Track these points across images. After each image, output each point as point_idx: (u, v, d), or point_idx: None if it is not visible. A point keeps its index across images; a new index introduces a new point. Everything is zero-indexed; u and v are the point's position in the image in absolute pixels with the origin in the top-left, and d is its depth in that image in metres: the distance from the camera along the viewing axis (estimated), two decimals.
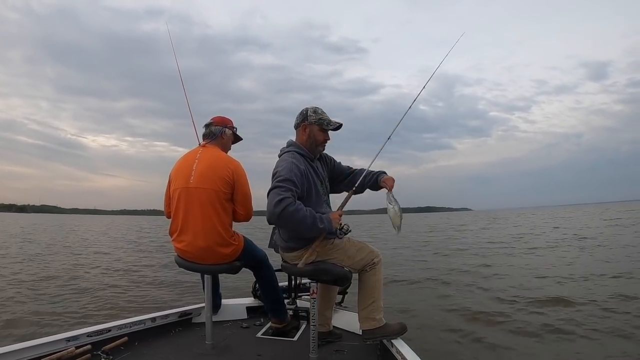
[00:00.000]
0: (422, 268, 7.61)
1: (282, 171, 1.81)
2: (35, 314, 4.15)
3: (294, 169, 1.83)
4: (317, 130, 2.00)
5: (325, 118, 2.01)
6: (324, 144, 2.04)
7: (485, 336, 3.49)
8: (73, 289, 5.50)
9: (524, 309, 4.30)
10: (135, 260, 9.00)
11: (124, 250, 11.79)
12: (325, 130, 2.02)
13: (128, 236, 19.08)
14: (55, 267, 7.70)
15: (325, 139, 2.03)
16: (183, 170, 2.05)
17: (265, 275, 2.33)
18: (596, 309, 4.15)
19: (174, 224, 2.06)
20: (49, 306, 4.49)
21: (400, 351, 1.79)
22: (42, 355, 1.70)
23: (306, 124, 2.00)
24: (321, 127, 2.00)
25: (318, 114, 2.01)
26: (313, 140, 2.01)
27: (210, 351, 2.04)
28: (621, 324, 3.65)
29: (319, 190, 1.99)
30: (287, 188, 1.74)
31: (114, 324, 2.08)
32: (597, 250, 9.10)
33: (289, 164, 1.85)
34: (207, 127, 2.22)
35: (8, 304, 4.55)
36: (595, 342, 3.25)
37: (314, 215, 1.76)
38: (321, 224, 1.76)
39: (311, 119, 2.00)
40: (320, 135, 2.01)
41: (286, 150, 2.02)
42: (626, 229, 14.88)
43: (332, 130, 2.04)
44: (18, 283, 5.87)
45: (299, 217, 1.71)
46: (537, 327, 3.65)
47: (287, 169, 1.82)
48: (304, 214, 1.73)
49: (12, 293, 5.16)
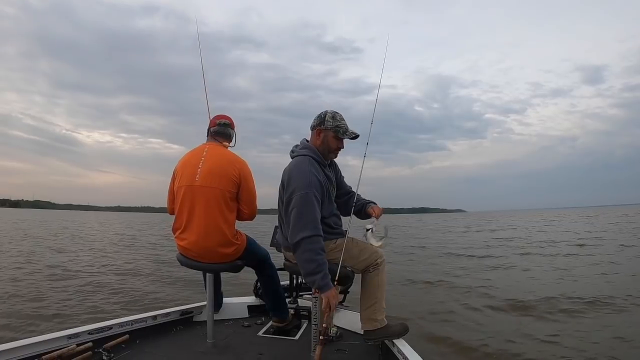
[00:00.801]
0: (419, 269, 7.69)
1: (305, 186, 1.77)
2: (34, 312, 4.12)
3: (313, 182, 1.78)
4: (331, 137, 1.93)
5: (342, 126, 1.93)
6: (337, 152, 1.99)
7: (486, 336, 3.51)
8: (73, 288, 5.47)
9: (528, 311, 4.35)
10: (135, 258, 8.97)
11: (125, 247, 11.75)
12: (340, 138, 1.96)
13: (128, 232, 19.03)
14: (53, 263, 7.66)
15: (339, 147, 1.97)
16: (189, 168, 2.03)
17: (267, 274, 2.33)
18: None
19: (178, 222, 2.05)
20: (48, 303, 4.46)
21: (401, 351, 1.79)
22: (43, 352, 1.69)
23: (322, 128, 1.94)
24: (336, 134, 1.93)
25: (336, 120, 1.93)
26: (326, 146, 1.95)
27: (212, 350, 2.04)
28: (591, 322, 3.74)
29: (331, 197, 1.98)
30: (314, 220, 1.75)
31: (115, 321, 2.07)
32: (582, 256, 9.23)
33: (307, 175, 1.80)
34: (222, 126, 2.15)
35: (9, 302, 4.53)
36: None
37: (322, 266, 1.72)
38: (317, 278, 1.71)
39: (328, 124, 1.93)
40: (334, 143, 1.95)
41: (301, 154, 1.94)
42: (619, 235, 14.90)
43: (348, 139, 1.97)
44: (14, 281, 5.84)
45: (311, 257, 1.72)
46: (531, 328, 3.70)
47: (309, 184, 1.77)
48: (316, 257, 1.72)
49: (12, 289, 5.13)
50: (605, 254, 8.94)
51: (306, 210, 1.76)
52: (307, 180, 1.78)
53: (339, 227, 2.02)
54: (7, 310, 4.13)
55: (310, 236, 1.73)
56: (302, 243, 1.74)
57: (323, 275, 1.73)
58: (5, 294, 4.87)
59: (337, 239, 1.96)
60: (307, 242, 1.73)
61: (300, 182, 1.79)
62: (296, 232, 1.75)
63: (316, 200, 1.78)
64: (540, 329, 3.69)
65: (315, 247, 1.74)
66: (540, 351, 3.16)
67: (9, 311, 4.11)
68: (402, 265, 8.05)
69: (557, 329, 3.67)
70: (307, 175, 1.80)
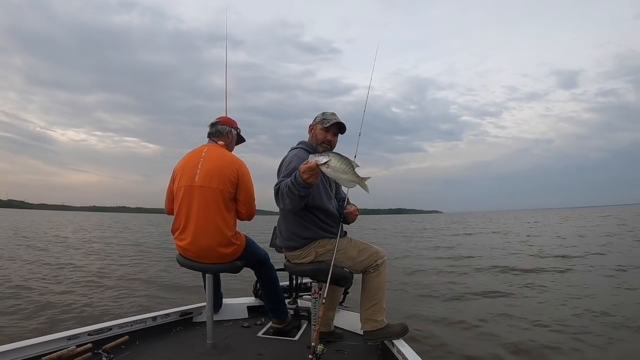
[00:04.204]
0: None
1: (284, 164, 1.97)
2: (34, 312, 4.12)
3: (294, 160, 1.91)
4: (319, 129, 2.06)
5: (327, 118, 2.05)
6: (324, 143, 2.04)
7: (487, 336, 3.51)
8: (72, 287, 5.47)
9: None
10: (134, 259, 8.97)
11: (122, 248, 11.75)
12: (327, 130, 2.04)
13: (121, 234, 18.98)
14: (51, 265, 7.66)
15: (325, 138, 2.04)
16: (188, 168, 2.05)
17: (266, 275, 2.33)
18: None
19: (177, 222, 2.06)
20: (47, 305, 4.46)
21: (401, 351, 1.80)
22: (42, 353, 1.69)
23: (313, 124, 2.11)
24: (323, 126, 2.05)
25: (324, 115, 2.08)
26: (315, 138, 2.07)
27: (211, 350, 2.04)
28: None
29: (324, 183, 2.03)
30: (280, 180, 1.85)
31: (115, 322, 2.08)
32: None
33: (290, 157, 1.99)
34: (212, 126, 2.22)
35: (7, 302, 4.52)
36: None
37: (286, 183, 1.71)
38: (293, 181, 1.65)
39: (317, 119, 2.09)
40: (322, 134, 2.05)
41: (293, 147, 2.11)
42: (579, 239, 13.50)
43: (332, 129, 2.04)
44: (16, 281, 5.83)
45: (280, 193, 1.77)
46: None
47: (287, 161, 1.97)
48: (280, 188, 1.77)
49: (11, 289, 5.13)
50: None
51: (287, 165, 1.91)
52: (288, 160, 1.96)
53: (336, 228, 2.01)
54: (7, 311, 4.13)
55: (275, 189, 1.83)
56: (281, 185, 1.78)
57: (291, 180, 1.67)
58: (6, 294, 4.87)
59: (334, 238, 1.96)
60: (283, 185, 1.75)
61: (286, 160, 1.99)
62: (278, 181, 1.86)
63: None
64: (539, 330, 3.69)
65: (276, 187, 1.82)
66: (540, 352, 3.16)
67: (8, 311, 4.11)
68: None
69: (560, 337, 3.64)
70: (292, 156, 1.98)
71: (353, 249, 1.98)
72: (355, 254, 1.97)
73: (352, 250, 1.97)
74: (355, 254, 1.97)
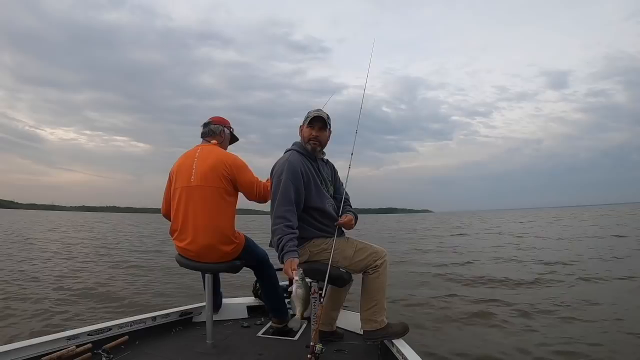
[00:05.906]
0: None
1: (280, 173, 1.90)
2: (33, 313, 4.12)
3: (285, 170, 1.88)
4: (304, 128, 2.02)
5: (309, 114, 2.01)
6: (310, 140, 2.00)
7: (486, 336, 3.51)
8: (72, 288, 5.47)
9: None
10: (132, 259, 8.97)
11: (120, 249, 11.74)
12: (310, 126, 2.00)
13: (120, 234, 18.96)
14: (50, 266, 7.65)
15: (311, 134, 1.99)
16: (184, 169, 2.06)
17: (266, 275, 2.34)
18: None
19: (175, 223, 2.07)
20: (47, 305, 4.46)
21: (401, 351, 1.80)
22: (42, 353, 1.69)
23: (301, 124, 2.07)
24: (306, 123, 2.02)
25: (308, 113, 2.03)
26: (303, 137, 2.04)
27: (211, 350, 2.04)
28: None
29: (318, 185, 1.99)
30: (287, 211, 1.84)
31: (115, 322, 2.08)
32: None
33: (281, 163, 1.94)
34: (205, 126, 2.24)
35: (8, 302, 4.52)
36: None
37: (279, 240, 1.80)
38: (282, 246, 1.79)
39: (304, 118, 2.05)
40: (307, 132, 2.01)
41: (287, 150, 2.06)
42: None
43: (316, 124, 1.99)
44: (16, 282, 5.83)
45: (274, 236, 1.83)
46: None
47: (278, 171, 1.92)
48: (275, 233, 1.82)
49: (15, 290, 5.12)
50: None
51: (281, 193, 1.87)
52: (281, 169, 1.91)
53: (332, 227, 1.99)
54: (7, 311, 4.13)
55: (282, 216, 1.84)
56: (277, 220, 1.84)
57: (284, 245, 1.79)
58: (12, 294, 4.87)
59: (329, 238, 1.95)
60: (279, 220, 1.83)
61: (278, 169, 1.94)
62: (273, 210, 1.88)
63: (292, 185, 1.87)
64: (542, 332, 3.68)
65: (284, 224, 1.83)
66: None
67: (8, 312, 4.11)
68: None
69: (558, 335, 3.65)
70: (282, 163, 1.93)
71: (349, 249, 1.95)
72: (352, 253, 1.94)
73: (348, 249, 1.95)
74: (351, 253, 1.94)
